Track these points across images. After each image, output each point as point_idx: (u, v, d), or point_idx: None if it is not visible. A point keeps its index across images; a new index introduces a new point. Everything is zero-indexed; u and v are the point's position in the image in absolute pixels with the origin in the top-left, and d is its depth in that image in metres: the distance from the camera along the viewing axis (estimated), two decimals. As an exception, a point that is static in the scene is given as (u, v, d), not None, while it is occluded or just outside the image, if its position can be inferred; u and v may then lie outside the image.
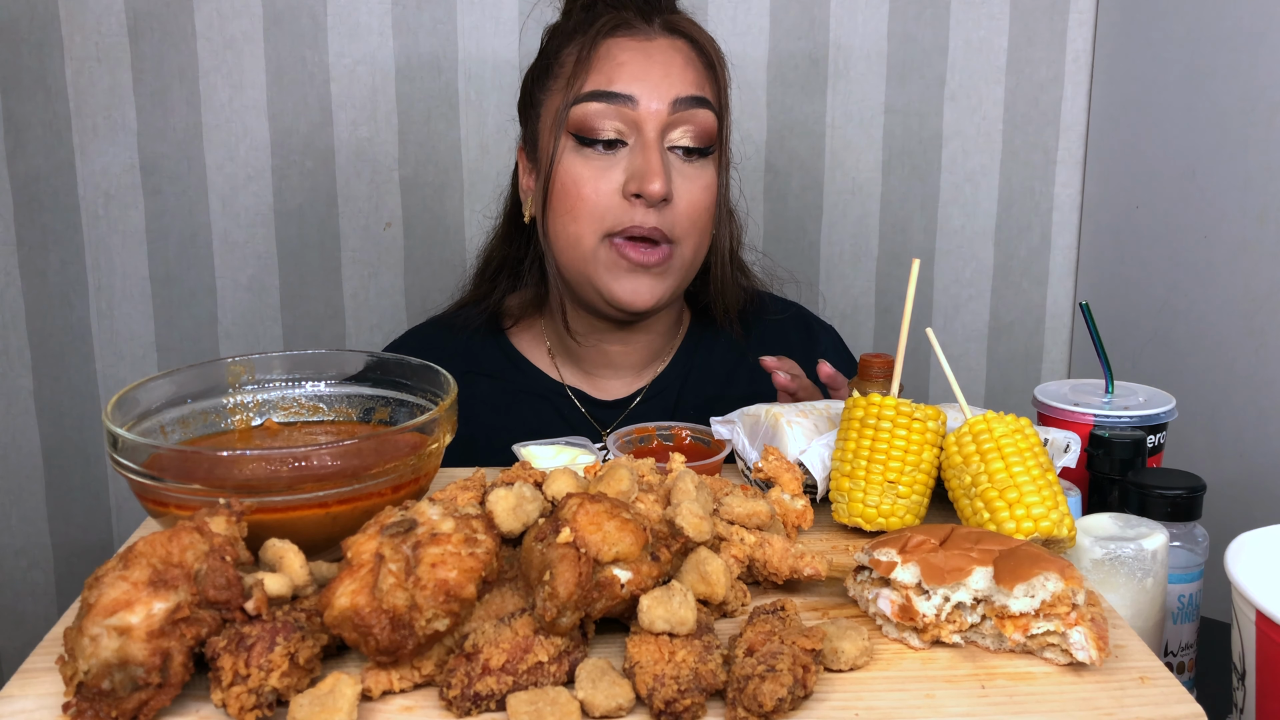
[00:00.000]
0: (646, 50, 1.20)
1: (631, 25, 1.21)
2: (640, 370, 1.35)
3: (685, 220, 1.20)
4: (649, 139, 1.17)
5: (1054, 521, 0.81)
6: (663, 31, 1.22)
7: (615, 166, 1.18)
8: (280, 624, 0.64)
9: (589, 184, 1.18)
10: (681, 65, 1.20)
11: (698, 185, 1.21)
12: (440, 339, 1.36)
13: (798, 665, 0.64)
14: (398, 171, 1.83)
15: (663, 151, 1.18)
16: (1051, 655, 0.70)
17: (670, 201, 1.18)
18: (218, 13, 1.75)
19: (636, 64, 1.19)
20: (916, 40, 1.84)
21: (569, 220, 1.20)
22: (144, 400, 0.86)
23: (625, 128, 1.18)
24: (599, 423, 1.32)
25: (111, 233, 1.80)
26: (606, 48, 1.20)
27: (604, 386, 1.34)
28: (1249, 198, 1.50)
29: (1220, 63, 1.55)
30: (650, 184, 1.15)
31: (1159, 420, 1.11)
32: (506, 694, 0.64)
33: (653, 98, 1.17)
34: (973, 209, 1.91)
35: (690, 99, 1.19)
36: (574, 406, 1.33)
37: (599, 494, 0.71)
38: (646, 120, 1.17)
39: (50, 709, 0.64)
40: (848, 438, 0.91)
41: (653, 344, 1.34)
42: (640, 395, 1.34)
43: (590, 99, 1.18)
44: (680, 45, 1.22)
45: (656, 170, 1.15)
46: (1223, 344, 1.56)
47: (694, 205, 1.20)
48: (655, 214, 1.18)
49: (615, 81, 1.17)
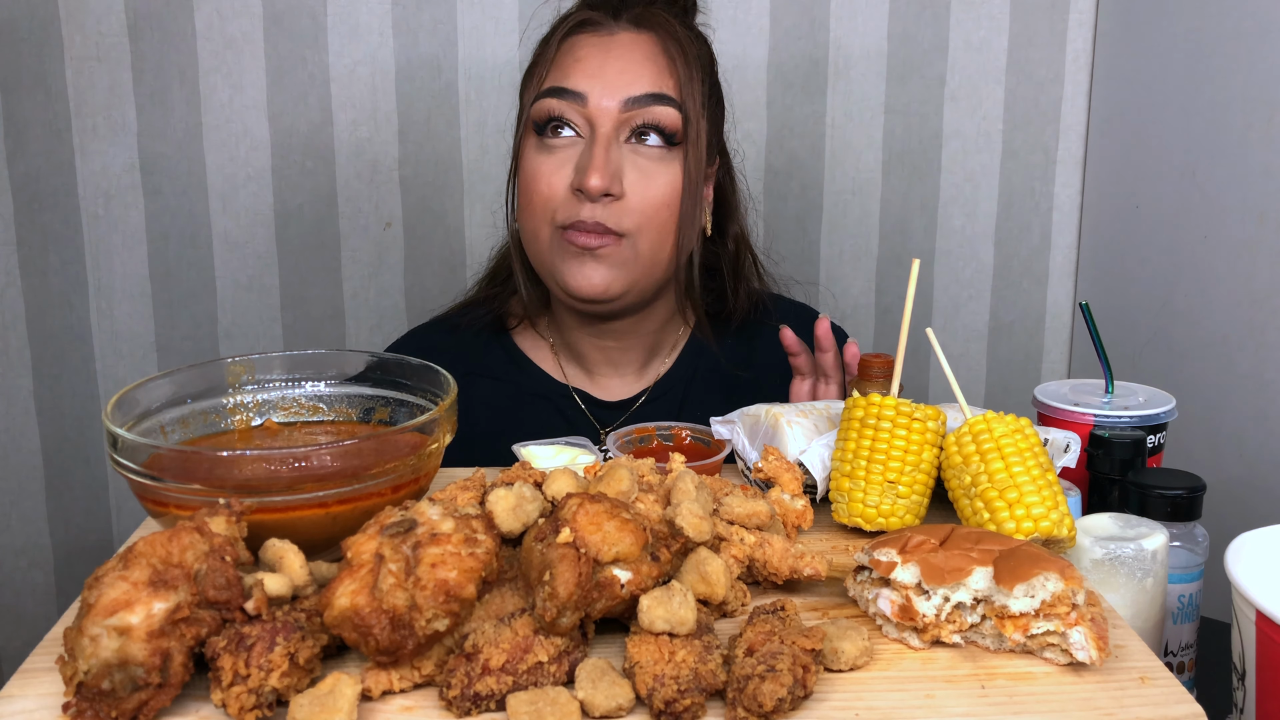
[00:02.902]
0: (606, 46, 1.21)
1: (596, 23, 1.23)
2: (641, 370, 1.35)
3: (638, 214, 1.19)
4: (599, 135, 1.18)
5: (1054, 521, 0.81)
6: (628, 27, 1.22)
7: (568, 163, 1.20)
8: (280, 624, 0.64)
9: (543, 178, 1.21)
10: (640, 61, 1.20)
11: (656, 182, 1.20)
12: (442, 339, 1.35)
13: (798, 665, 0.64)
14: (398, 171, 1.83)
15: (612, 147, 1.19)
16: (1051, 655, 0.70)
17: (619, 196, 1.18)
18: (218, 13, 1.75)
19: (593, 60, 1.20)
20: (916, 40, 1.84)
21: (528, 214, 1.23)
22: (144, 400, 0.86)
23: (580, 123, 1.20)
24: (601, 423, 1.32)
25: (111, 233, 1.80)
26: (569, 45, 1.22)
27: (606, 386, 1.34)
28: (1249, 198, 1.50)
29: (1220, 63, 1.55)
30: (588, 179, 1.16)
31: (1159, 420, 1.11)
32: (506, 694, 0.64)
33: (604, 95, 1.18)
34: (973, 209, 1.91)
35: (646, 96, 1.19)
36: (576, 406, 1.33)
37: (599, 494, 0.71)
38: (597, 116, 1.19)
39: (50, 709, 0.64)
40: (848, 438, 0.91)
41: (649, 342, 1.34)
42: (644, 396, 1.34)
43: (547, 95, 1.21)
44: (645, 40, 1.22)
45: (596, 166, 1.16)
46: (1223, 344, 1.56)
47: (649, 200, 1.19)
48: (600, 208, 1.18)
49: (569, 78, 1.20)
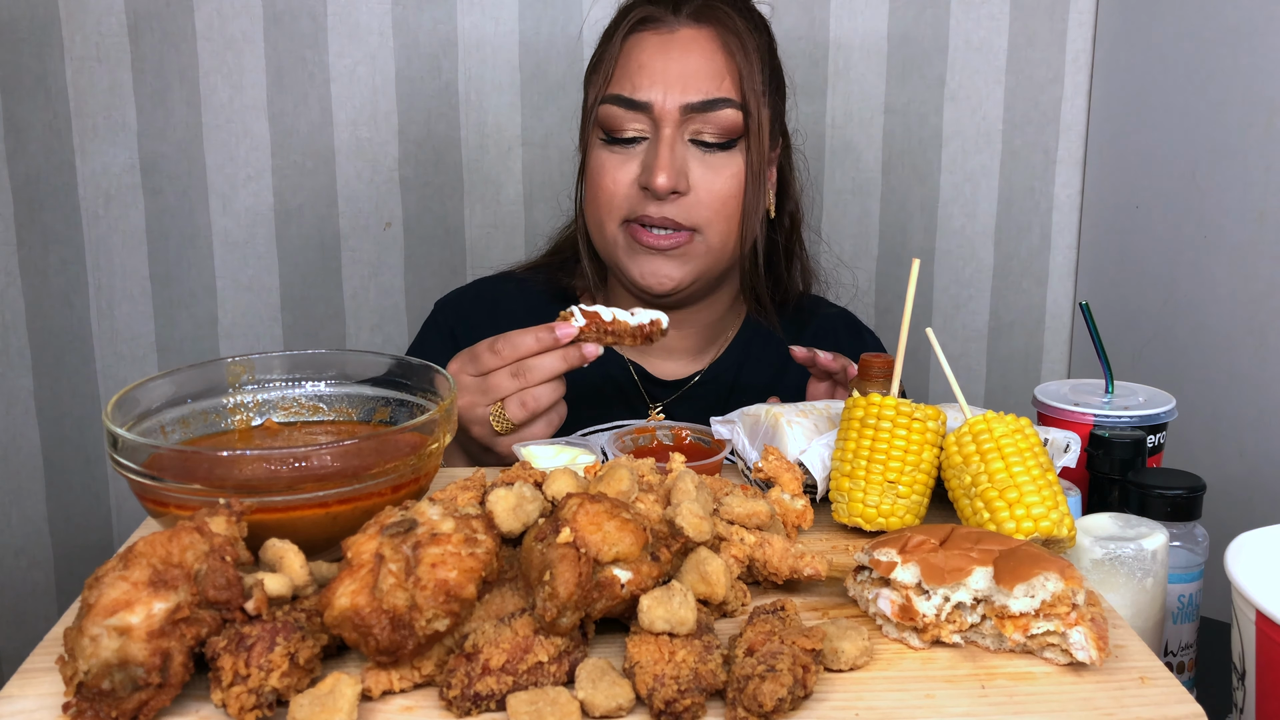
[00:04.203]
0: (667, 46, 1.22)
1: (656, 19, 1.24)
2: (696, 355, 1.38)
3: (707, 209, 1.23)
4: (663, 135, 1.21)
5: (1054, 521, 0.81)
6: (688, 22, 1.23)
7: (635, 159, 1.23)
8: (280, 624, 0.64)
9: (609, 175, 1.24)
10: (699, 61, 1.21)
11: (721, 175, 1.23)
12: (511, 292, 1.38)
13: (798, 665, 0.64)
14: (398, 171, 1.83)
15: (678, 145, 1.21)
16: (1051, 655, 0.70)
17: (685, 193, 1.22)
18: (218, 13, 1.75)
19: (655, 65, 1.21)
20: (916, 40, 1.84)
21: (594, 208, 1.27)
22: (144, 400, 0.86)
23: (644, 126, 1.22)
24: (653, 399, 1.36)
25: (111, 233, 1.80)
26: (629, 46, 1.24)
27: (660, 367, 1.37)
28: (1249, 198, 1.50)
29: (1220, 63, 1.55)
30: (655, 178, 1.19)
31: (1159, 420, 1.11)
32: (506, 694, 0.64)
33: (667, 100, 1.21)
34: (973, 209, 1.91)
35: (705, 103, 1.20)
36: (631, 379, 1.36)
37: (599, 494, 0.71)
38: (662, 119, 1.21)
39: (50, 709, 0.64)
40: (848, 438, 0.91)
41: (706, 329, 1.37)
42: (696, 378, 1.37)
43: (612, 102, 1.23)
44: (705, 36, 1.22)
45: (662, 165, 1.19)
46: (1223, 344, 1.56)
47: (715, 195, 1.22)
48: (667, 205, 1.21)
49: (632, 86, 1.22)
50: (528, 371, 1.08)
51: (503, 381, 1.09)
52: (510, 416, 1.10)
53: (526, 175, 1.84)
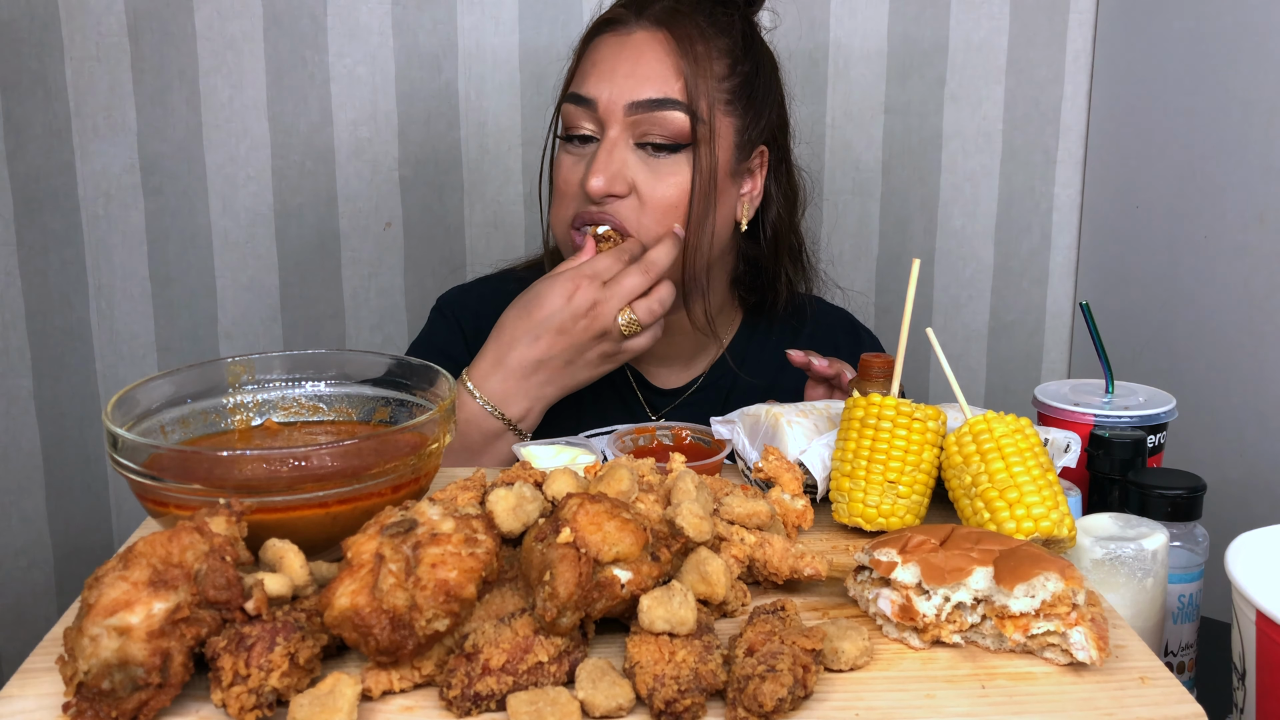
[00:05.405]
0: (621, 46, 1.21)
1: (619, 21, 1.23)
2: (689, 361, 1.38)
3: (647, 215, 1.20)
4: (607, 136, 1.20)
5: (1054, 521, 0.81)
6: (647, 25, 1.21)
7: (585, 160, 1.22)
8: (280, 624, 0.64)
9: (561, 174, 1.24)
10: (650, 62, 1.19)
11: (665, 181, 1.20)
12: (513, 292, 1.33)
13: (798, 665, 0.64)
14: (398, 171, 1.83)
15: (619, 148, 1.19)
16: (1052, 655, 0.70)
17: (623, 196, 1.20)
18: (218, 13, 1.75)
19: (606, 64, 1.21)
20: (916, 40, 1.84)
21: (552, 208, 1.28)
22: (144, 400, 0.86)
23: (595, 126, 1.21)
24: (654, 409, 1.36)
25: (111, 233, 1.80)
26: (592, 46, 1.24)
27: (658, 375, 1.37)
28: (1249, 198, 1.50)
29: (1220, 63, 1.55)
30: (589, 180, 1.18)
31: (1159, 420, 1.11)
32: (506, 694, 0.64)
33: (612, 98, 1.19)
34: (973, 209, 1.91)
35: (648, 102, 1.18)
36: (630, 387, 1.35)
37: (599, 494, 0.71)
38: (608, 118, 1.20)
39: (50, 709, 0.64)
40: (848, 438, 0.91)
41: (692, 335, 1.34)
42: (695, 385, 1.36)
43: (568, 100, 1.23)
44: (659, 38, 1.20)
45: (598, 166, 1.18)
46: (1223, 344, 1.56)
47: (656, 200, 1.20)
48: (607, 208, 1.20)
49: (585, 83, 1.21)
50: (651, 265, 1.15)
51: (634, 279, 1.14)
52: (640, 319, 1.15)
53: (526, 175, 1.84)
